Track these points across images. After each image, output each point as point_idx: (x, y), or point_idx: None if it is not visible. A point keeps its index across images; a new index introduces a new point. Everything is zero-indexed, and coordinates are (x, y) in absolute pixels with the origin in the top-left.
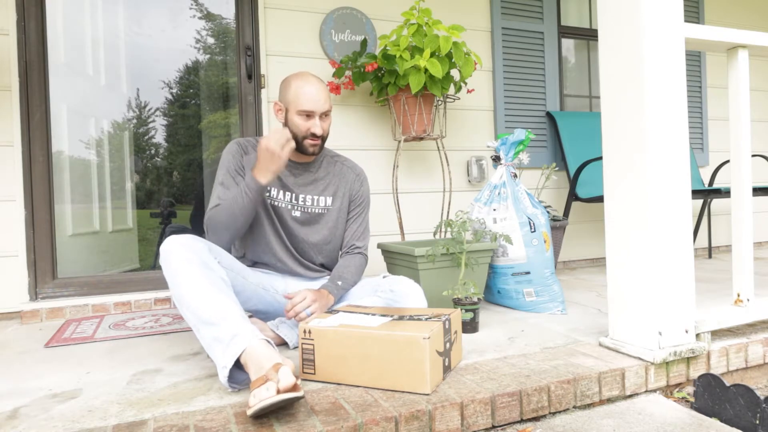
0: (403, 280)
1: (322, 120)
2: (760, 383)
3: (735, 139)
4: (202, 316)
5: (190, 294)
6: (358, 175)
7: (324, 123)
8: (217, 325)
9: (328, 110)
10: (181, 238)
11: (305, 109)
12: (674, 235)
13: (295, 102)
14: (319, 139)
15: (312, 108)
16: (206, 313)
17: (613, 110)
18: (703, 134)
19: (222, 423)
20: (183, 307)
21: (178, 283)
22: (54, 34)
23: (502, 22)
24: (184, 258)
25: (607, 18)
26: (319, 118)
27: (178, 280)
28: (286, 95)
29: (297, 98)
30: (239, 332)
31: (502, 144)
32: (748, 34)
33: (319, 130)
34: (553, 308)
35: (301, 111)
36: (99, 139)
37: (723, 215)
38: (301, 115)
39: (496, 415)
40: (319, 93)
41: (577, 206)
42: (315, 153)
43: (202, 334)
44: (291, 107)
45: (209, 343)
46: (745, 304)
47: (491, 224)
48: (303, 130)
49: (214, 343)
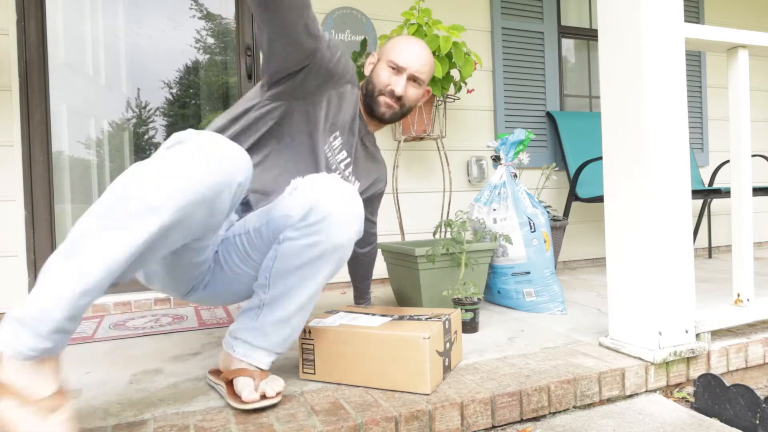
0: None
1: (410, 83)
2: (760, 383)
3: (735, 139)
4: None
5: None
6: (385, 173)
7: (410, 88)
8: (75, 259)
9: (421, 78)
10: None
11: (396, 61)
12: (674, 235)
13: (389, 51)
14: (397, 102)
15: (404, 62)
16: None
17: (613, 110)
18: (703, 134)
19: (222, 423)
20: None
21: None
22: (54, 34)
23: (502, 22)
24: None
25: (607, 18)
26: (407, 79)
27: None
28: (384, 46)
29: (393, 48)
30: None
31: (502, 144)
32: (748, 34)
33: (400, 88)
34: (553, 308)
35: (391, 62)
36: (99, 139)
37: (723, 215)
38: (390, 67)
39: (496, 415)
40: (420, 52)
41: (577, 206)
42: (384, 118)
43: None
44: (383, 57)
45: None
46: (745, 304)
47: (491, 224)
48: (383, 82)
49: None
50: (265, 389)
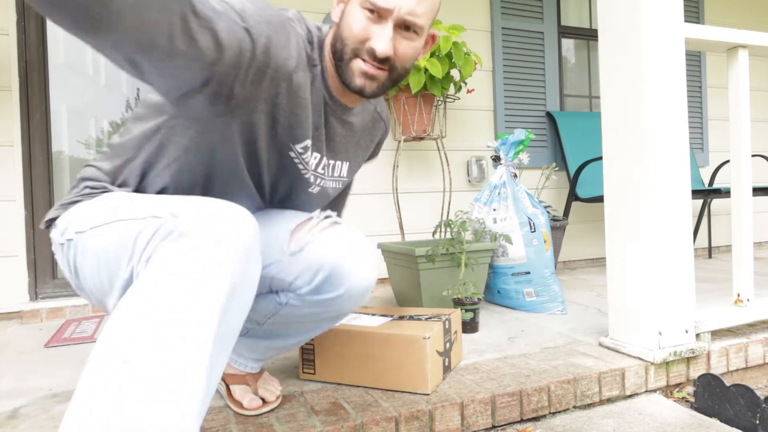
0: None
1: (399, 33)
2: (760, 383)
3: (735, 139)
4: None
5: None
6: (387, 128)
7: (402, 41)
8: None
9: (418, 23)
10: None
11: (375, 1)
12: (674, 235)
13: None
14: (380, 67)
15: (387, 3)
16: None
17: (613, 110)
18: (703, 134)
19: (222, 423)
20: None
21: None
22: (54, 34)
23: (502, 22)
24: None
25: (607, 18)
26: (396, 29)
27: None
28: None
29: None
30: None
31: (502, 144)
32: (748, 34)
33: (383, 44)
34: (553, 308)
35: (367, 0)
36: (99, 139)
37: (723, 215)
38: (366, 10)
39: (496, 415)
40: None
41: (577, 206)
42: (364, 94)
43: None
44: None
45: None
46: (745, 304)
47: (491, 224)
48: (357, 36)
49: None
50: (264, 394)
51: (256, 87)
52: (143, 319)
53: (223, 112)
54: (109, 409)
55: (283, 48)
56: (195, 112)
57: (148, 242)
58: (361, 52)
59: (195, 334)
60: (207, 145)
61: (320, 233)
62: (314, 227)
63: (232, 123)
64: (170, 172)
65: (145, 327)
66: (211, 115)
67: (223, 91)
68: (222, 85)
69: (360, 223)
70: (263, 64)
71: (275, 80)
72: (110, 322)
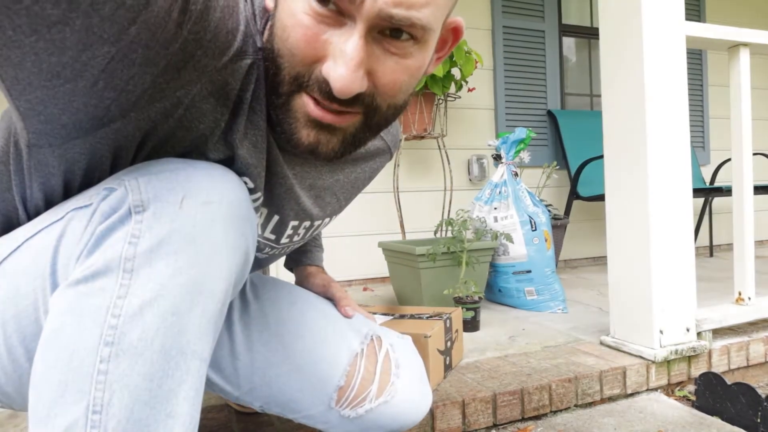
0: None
1: (381, 44)
2: (761, 382)
3: (736, 138)
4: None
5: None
6: (392, 155)
7: (389, 61)
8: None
9: (418, 21)
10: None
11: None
12: (675, 234)
13: None
14: (345, 109)
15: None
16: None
17: (614, 108)
18: (704, 133)
19: (222, 422)
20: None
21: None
22: None
23: (503, 21)
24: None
25: (607, 16)
26: (371, 35)
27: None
28: None
29: None
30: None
31: (503, 143)
32: (749, 32)
33: (345, 74)
34: (554, 307)
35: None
36: None
37: (724, 214)
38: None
39: (498, 413)
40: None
41: (578, 205)
42: (317, 154)
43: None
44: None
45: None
46: (747, 303)
47: (492, 223)
48: (297, 53)
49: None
50: None
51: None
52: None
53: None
54: None
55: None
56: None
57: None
58: (307, 81)
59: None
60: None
61: (378, 380)
62: (369, 366)
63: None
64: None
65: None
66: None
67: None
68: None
69: (360, 221)
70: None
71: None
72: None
